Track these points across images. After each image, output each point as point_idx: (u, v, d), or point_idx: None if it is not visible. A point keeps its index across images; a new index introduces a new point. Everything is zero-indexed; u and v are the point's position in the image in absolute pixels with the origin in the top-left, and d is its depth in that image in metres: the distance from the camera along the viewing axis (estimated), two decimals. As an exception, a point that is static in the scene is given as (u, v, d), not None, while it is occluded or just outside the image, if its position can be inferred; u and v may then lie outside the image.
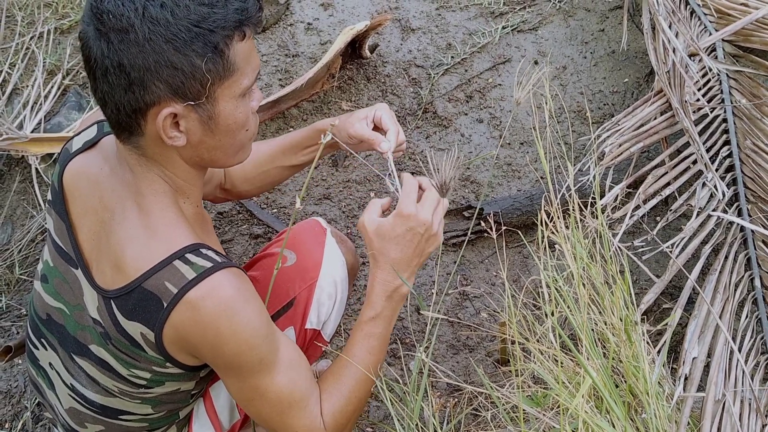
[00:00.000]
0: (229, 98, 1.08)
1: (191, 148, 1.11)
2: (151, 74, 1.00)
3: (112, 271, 1.12)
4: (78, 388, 1.25)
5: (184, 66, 1.01)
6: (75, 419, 1.29)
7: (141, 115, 1.05)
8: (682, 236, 1.77)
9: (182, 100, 1.04)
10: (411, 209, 1.22)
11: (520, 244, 2.09)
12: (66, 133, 2.26)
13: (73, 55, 2.60)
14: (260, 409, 1.19)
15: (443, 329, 1.95)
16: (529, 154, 2.34)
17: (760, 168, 1.86)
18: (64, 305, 1.22)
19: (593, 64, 2.57)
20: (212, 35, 1.01)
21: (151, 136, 1.08)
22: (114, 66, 1.00)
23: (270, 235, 2.16)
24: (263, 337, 1.12)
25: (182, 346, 1.12)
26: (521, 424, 1.22)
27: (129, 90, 1.02)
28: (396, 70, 2.59)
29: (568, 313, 1.31)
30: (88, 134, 1.26)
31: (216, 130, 1.10)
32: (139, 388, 1.20)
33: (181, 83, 1.02)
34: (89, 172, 1.20)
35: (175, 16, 0.99)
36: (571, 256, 1.37)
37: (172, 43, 0.99)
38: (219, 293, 1.07)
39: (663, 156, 1.97)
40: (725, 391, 1.43)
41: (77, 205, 1.20)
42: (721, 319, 1.59)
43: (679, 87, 1.96)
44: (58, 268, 1.22)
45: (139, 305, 1.09)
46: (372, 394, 1.84)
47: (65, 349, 1.24)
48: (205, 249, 1.11)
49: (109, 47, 1.00)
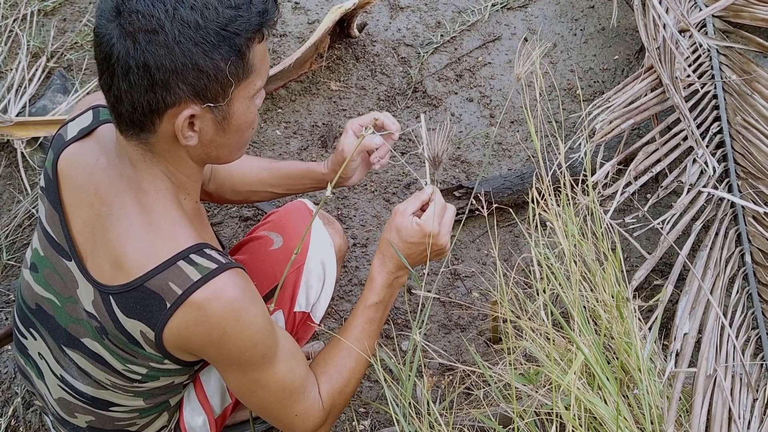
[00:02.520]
0: (243, 99, 1.08)
1: (201, 147, 1.11)
2: (176, 76, 1.00)
3: (111, 267, 1.10)
4: (68, 379, 1.24)
5: (209, 69, 1.01)
6: (65, 409, 1.28)
7: (157, 115, 1.04)
8: (672, 213, 1.77)
9: (202, 102, 1.04)
10: (435, 229, 1.28)
11: (511, 223, 2.09)
12: (52, 117, 2.23)
13: (57, 38, 2.56)
14: (261, 399, 1.21)
15: (435, 309, 1.95)
16: (519, 133, 2.33)
17: (750, 144, 1.86)
18: (54, 296, 1.21)
19: (583, 41, 2.56)
20: (237, 38, 1.01)
21: (164, 134, 1.07)
22: (138, 66, 0.99)
23: (259, 218, 2.15)
24: (266, 333, 1.14)
25: (183, 345, 1.12)
26: (513, 401, 1.22)
27: (150, 90, 1.01)
28: (385, 49, 2.57)
29: (560, 291, 1.31)
30: (83, 121, 1.23)
31: (228, 129, 1.10)
32: (133, 383, 1.20)
33: (204, 86, 1.02)
34: (85, 162, 1.17)
35: (205, 18, 0.98)
36: (563, 234, 1.37)
37: (200, 46, 0.99)
38: (224, 294, 1.07)
39: (653, 133, 1.96)
40: (716, 366, 1.44)
41: (71, 195, 1.18)
42: (711, 295, 1.59)
43: (670, 63, 1.95)
44: (48, 259, 1.20)
45: (140, 304, 1.08)
46: (365, 375, 1.84)
47: (55, 341, 1.23)
48: (209, 249, 1.11)
49: (136, 47, 0.98)
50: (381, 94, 2.44)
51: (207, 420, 1.41)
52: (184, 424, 1.39)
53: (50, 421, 1.40)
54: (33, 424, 1.74)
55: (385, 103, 2.42)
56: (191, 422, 1.40)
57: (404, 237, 1.30)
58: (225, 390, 1.42)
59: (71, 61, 2.51)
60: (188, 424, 1.40)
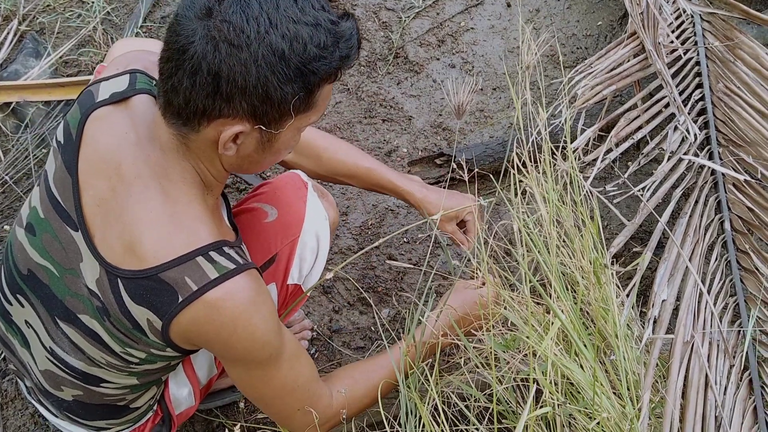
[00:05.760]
0: (293, 129, 1.07)
1: (236, 158, 1.10)
2: (242, 94, 0.98)
3: (124, 250, 1.07)
4: (58, 352, 1.21)
5: (276, 97, 1.00)
6: (50, 382, 1.26)
7: (207, 119, 1.02)
8: (653, 180, 1.76)
9: (255, 123, 1.02)
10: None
11: (492, 191, 2.08)
12: (24, 81, 2.18)
13: (29, 0, 2.50)
14: (262, 394, 1.22)
15: (415, 277, 1.94)
16: (501, 100, 2.31)
17: (732, 111, 1.85)
18: (52, 265, 1.17)
19: (567, 7, 2.53)
20: (313, 77, 1.01)
21: (205, 136, 1.05)
22: (210, 72, 0.97)
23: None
24: (274, 334, 1.14)
25: (190, 338, 1.11)
26: (492, 368, 1.22)
27: (211, 97, 0.99)
28: (366, 13, 2.53)
29: (538, 257, 1.30)
30: (117, 84, 1.18)
31: (268, 150, 1.10)
32: (129, 365, 1.19)
33: (265, 111, 1.01)
34: (113, 132, 1.13)
35: (292, 50, 0.97)
36: (542, 200, 1.36)
37: (277, 76, 0.98)
38: (238, 296, 1.07)
39: (635, 99, 1.95)
40: (694, 332, 1.44)
41: (89, 163, 1.13)
42: (690, 262, 1.59)
43: (653, 29, 1.93)
44: (50, 223, 1.16)
45: (151, 292, 1.06)
46: (344, 343, 1.84)
47: (49, 312, 1.19)
48: (228, 247, 1.10)
49: (215, 54, 0.96)
50: (362, 59, 2.40)
51: (192, 391, 1.41)
52: (170, 395, 1.39)
53: (26, 387, 1.38)
54: (9, 393, 1.72)
55: (366, 69, 2.38)
56: (176, 393, 1.39)
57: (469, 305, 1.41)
58: (212, 363, 1.42)
59: (44, 24, 2.44)
60: (173, 395, 1.39)
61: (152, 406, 1.37)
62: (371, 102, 2.30)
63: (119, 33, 2.43)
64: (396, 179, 1.60)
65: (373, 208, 2.08)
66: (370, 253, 1.98)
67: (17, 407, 1.70)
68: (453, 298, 1.42)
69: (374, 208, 2.08)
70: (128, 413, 1.32)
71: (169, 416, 1.41)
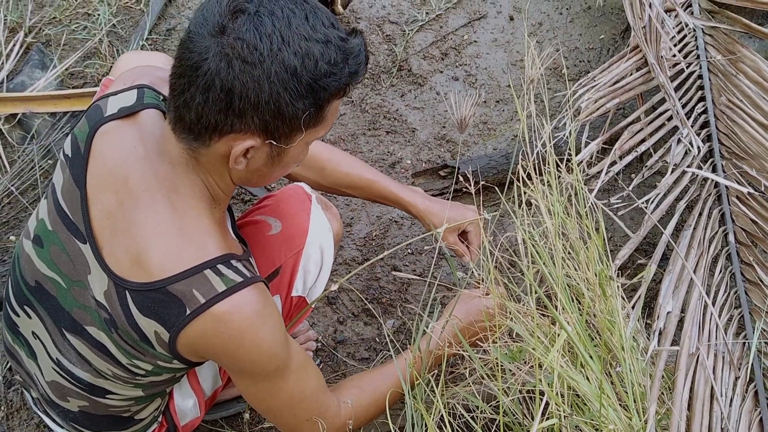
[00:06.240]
0: (302, 143, 1.09)
1: (245, 171, 1.11)
2: (254, 109, 0.99)
3: (131, 263, 1.08)
4: (65, 364, 1.21)
5: (287, 113, 1.01)
6: (57, 392, 1.26)
7: (218, 134, 1.03)
8: (657, 192, 1.77)
9: (266, 138, 1.04)
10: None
11: (496, 203, 2.08)
12: (30, 93, 2.19)
13: (35, 12, 2.51)
14: (270, 406, 1.22)
15: (419, 288, 1.94)
16: (505, 112, 2.32)
17: (734, 124, 1.86)
18: (60, 277, 1.17)
19: (569, 21, 2.55)
20: (323, 93, 1.02)
21: (216, 151, 1.06)
22: (223, 88, 0.98)
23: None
24: (281, 347, 1.14)
25: (197, 351, 1.11)
26: (498, 380, 1.22)
27: (224, 112, 1.00)
28: (370, 27, 2.54)
29: (544, 269, 1.31)
30: (125, 99, 1.18)
31: (277, 164, 1.11)
32: (135, 376, 1.19)
33: (276, 126, 1.02)
34: (121, 146, 1.14)
35: (303, 67, 0.99)
36: (547, 212, 1.37)
37: (289, 92, 0.99)
38: (246, 309, 1.08)
39: (639, 112, 1.96)
40: (699, 344, 1.45)
41: (98, 177, 1.13)
42: (695, 274, 1.59)
43: (655, 42, 1.94)
44: (58, 235, 1.16)
45: (159, 305, 1.07)
46: (349, 354, 1.84)
47: (56, 323, 1.19)
48: (235, 261, 1.10)
49: (229, 71, 0.97)
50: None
51: (197, 402, 1.41)
52: (175, 406, 1.39)
53: (32, 398, 1.38)
54: (15, 403, 1.72)
55: (370, 81, 2.39)
56: (181, 405, 1.39)
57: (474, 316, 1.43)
58: (217, 374, 1.42)
59: (50, 36, 2.46)
60: (178, 406, 1.39)
61: (157, 417, 1.37)
62: (375, 114, 2.31)
63: (125, 45, 2.44)
64: (398, 190, 1.61)
65: (378, 219, 2.09)
66: (375, 265, 1.98)
67: (23, 417, 1.70)
68: (458, 308, 1.42)
69: (378, 220, 2.09)
70: (133, 424, 1.32)
71: (175, 427, 1.41)
